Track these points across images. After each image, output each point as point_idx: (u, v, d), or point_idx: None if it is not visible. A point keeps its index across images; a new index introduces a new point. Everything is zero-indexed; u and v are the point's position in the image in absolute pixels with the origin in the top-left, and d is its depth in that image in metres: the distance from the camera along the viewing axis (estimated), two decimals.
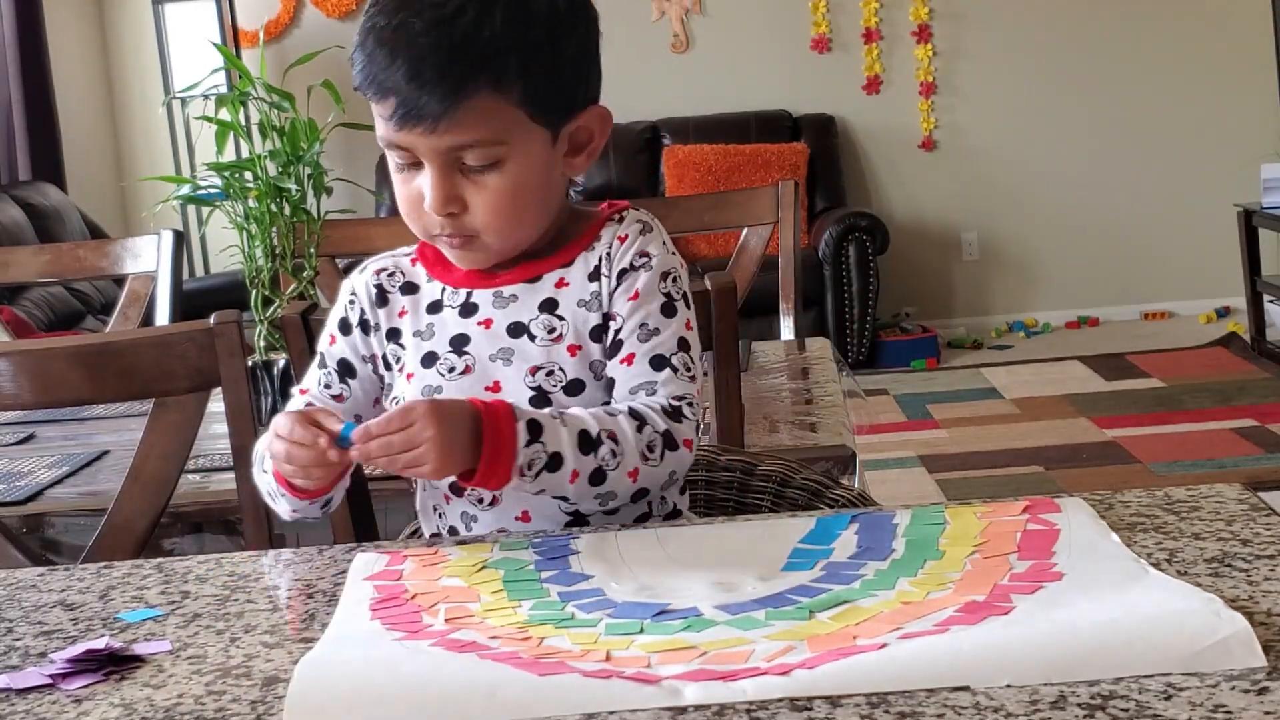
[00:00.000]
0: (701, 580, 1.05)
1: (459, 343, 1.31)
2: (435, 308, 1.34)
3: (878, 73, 6.24)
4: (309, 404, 1.33)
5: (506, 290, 1.32)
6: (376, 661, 0.93)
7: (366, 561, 1.15)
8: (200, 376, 1.56)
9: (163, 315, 2.68)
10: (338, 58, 1.74)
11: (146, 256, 2.72)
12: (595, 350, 1.29)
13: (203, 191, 2.25)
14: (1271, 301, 5.40)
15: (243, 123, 2.21)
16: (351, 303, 1.36)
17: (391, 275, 1.37)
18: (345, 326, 1.36)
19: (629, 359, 1.28)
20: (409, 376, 1.32)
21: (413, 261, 1.38)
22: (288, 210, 2.18)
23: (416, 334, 1.33)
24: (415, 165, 1.27)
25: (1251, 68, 6.07)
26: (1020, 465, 4.21)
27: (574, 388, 1.28)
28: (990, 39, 6.17)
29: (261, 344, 2.18)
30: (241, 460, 1.58)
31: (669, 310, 1.30)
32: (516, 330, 1.30)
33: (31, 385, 1.56)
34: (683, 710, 0.83)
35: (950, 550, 1.07)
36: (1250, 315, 5.46)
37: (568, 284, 1.31)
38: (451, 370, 1.30)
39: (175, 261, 2.70)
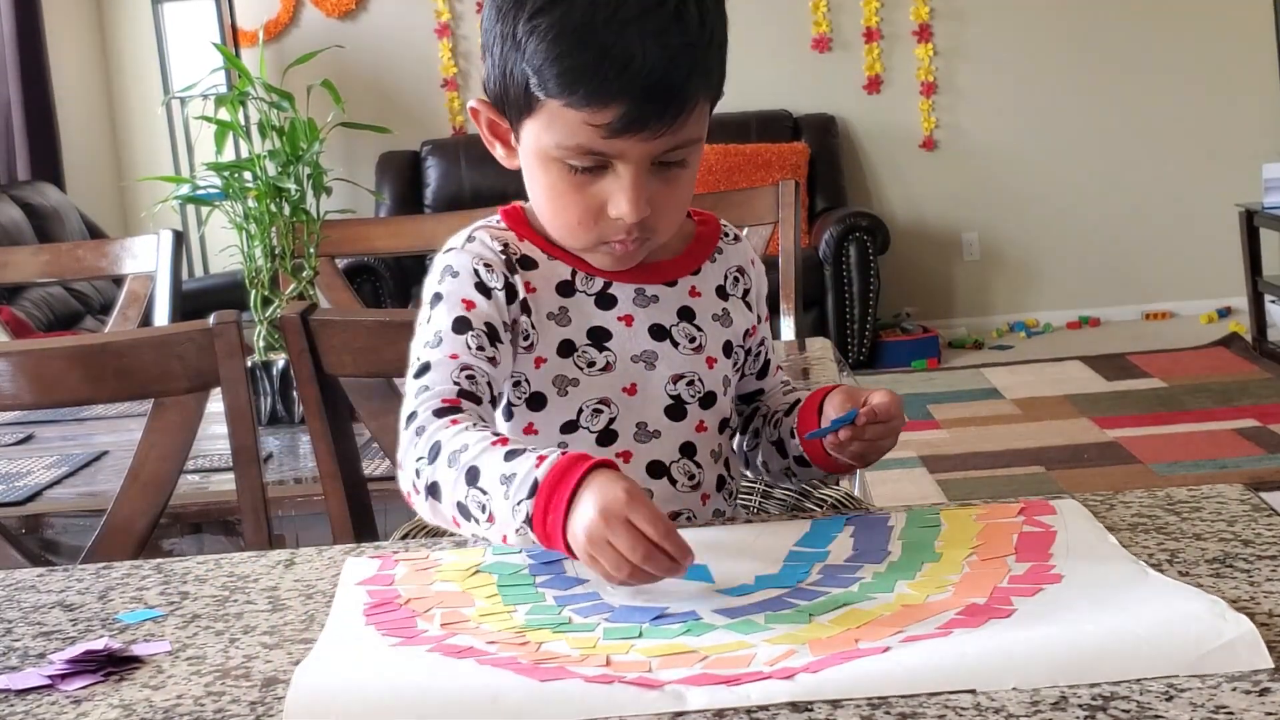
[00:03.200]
0: (695, 586, 1.04)
1: (598, 336, 1.24)
2: (567, 290, 1.25)
3: (878, 72, 6.24)
4: (465, 367, 1.18)
5: (649, 289, 1.27)
6: (374, 667, 0.93)
7: (357, 566, 1.14)
8: (199, 377, 1.56)
9: (162, 315, 2.68)
10: (337, 57, 1.73)
11: (145, 256, 2.72)
12: (726, 365, 1.30)
13: (202, 191, 2.25)
14: (1273, 301, 5.40)
15: (242, 123, 2.21)
16: (488, 267, 1.23)
17: (506, 246, 1.26)
18: (485, 290, 1.22)
19: (775, 371, 1.38)
20: (538, 362, 1.23)
21: (520, 236, 1.27)
22: (287, 210, 2.18)
23: (551, 316, 1.24)
24: (596, 171, 1.19)
25: (1252, 68, 6.07)
26: (1021, 466, 4.21)
27: (708, 400, 1.27)
28: (990, 39, 6.17)
29: (261, 344, 2.18)
30: (241, 460, 1.58)
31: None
32: (659, 334, 1.26)
33: (30, 385, 1.56)
34: (681, 713, 0.83)
35: (947, 553, 1.07)
36: (1251, 315, 5.45)
37: (700, 294, 1.30)
38: (591, 365, 1.24)
39: (174, 261, 2.70)
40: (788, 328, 2.58)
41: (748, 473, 1.40)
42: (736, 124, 6.05)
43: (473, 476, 1.10)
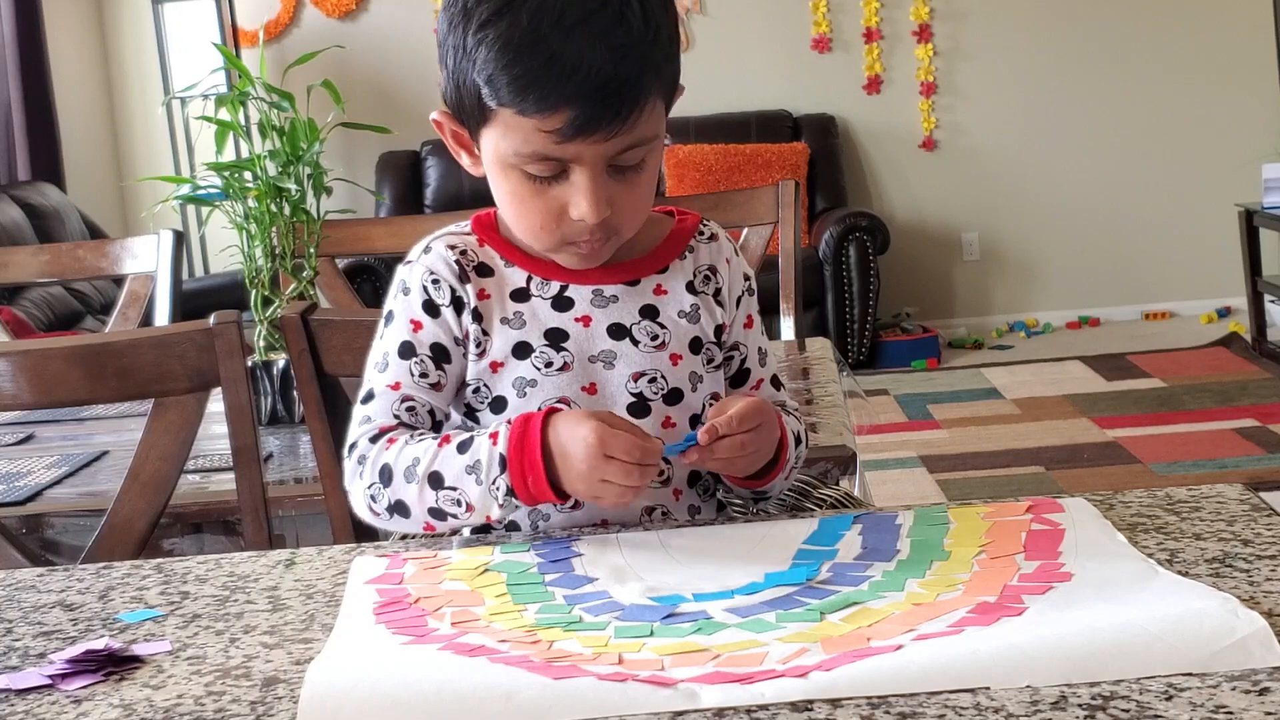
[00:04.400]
0: (706, 582, 1.05)
1: (555, 337, 1.26)
2: (521, 295, 1.28)
3: (878, 73, 6.24)
4: (406, 399, 1.24)
5: (607, 290, 1.28)
6: (387, 666, 0.93)
7: (366, 565, 1.14)
8: (200, 377, 1.56)
9: (162, 315, 2.68)
10: (338, 57, 1.73)
11: (146, 257, 2.72)
12: (695, 361, 1.30)
13: (202, 191, 2.25)
14: (1272, 301, 5.40)
15: (242, 123, 2.21)
16: (435, 283, 1.26)
17: (464, 254, 1.28)
18: (432, 309, 1.26)
19: (757, 384, 1.35)
20: (494, 366, 1.26)
21: (480, 242, 1.30)
22: (287, 210, 2.18)
23: (504, 321, 1.26)
24: (555, 177, 1.21)
25: (1251, 68, 6.07)
26: (1021, 465, 4.21)
27: (673, 396, 1.28)
28: (990, 39, 6.18)
29: (261, 344, 2.18)
30: (241, 460, 1.58)
31: (763, 328, 1.38)
32: (618, 333, 1.27)
33: (31, 385, 1.56)
34: (682, 713, 0.83)
35: (956, 551, 1.07)
36: (1251, 315, 5.46)
37: (666, 292, 1.30)
38: (548, 365, 1.25)
39: (174, 262, 2.70)
40: (788, 328, 2.58)
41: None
42: (736, 124, 6.05)
43: (437, 481, 1.19)
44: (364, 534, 1.61)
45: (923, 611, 0.96)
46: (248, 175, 2.17)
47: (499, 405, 1.26)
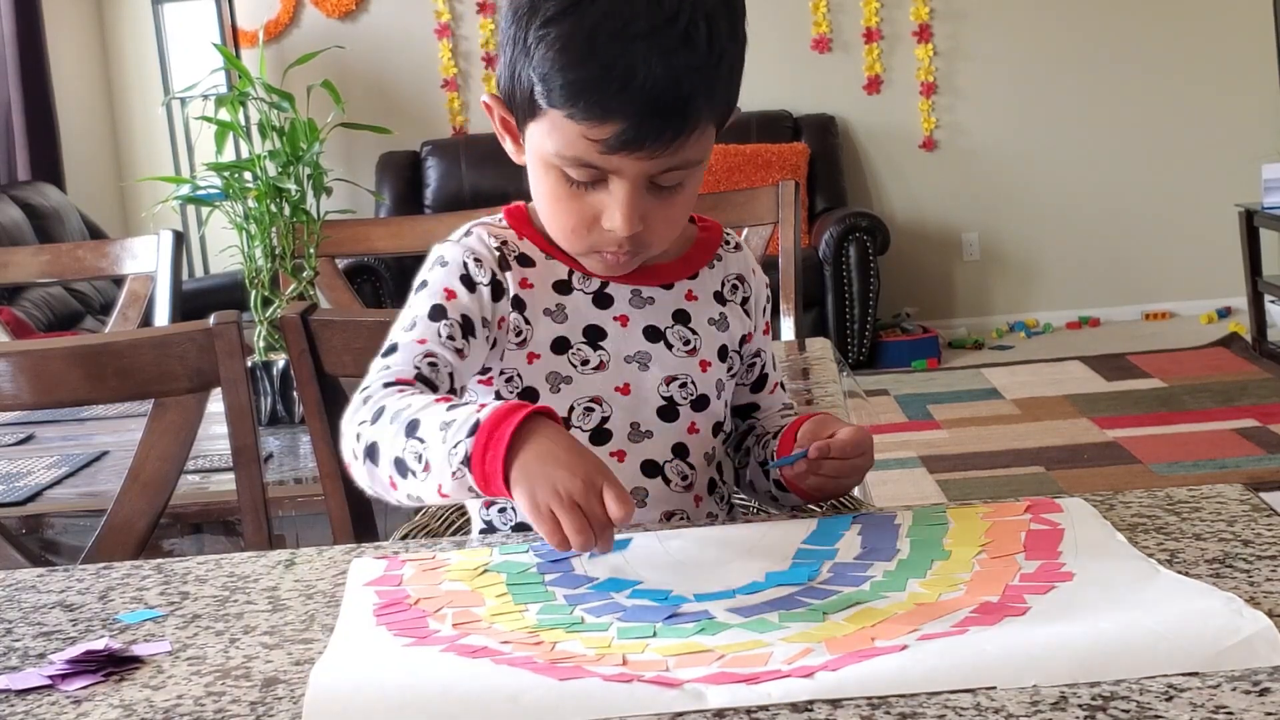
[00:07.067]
0: (707, 582, 1.05)
1: (593, 335, 1.25)
2: (564, 288, 1.26)
3: (878, 73, 6.24)
4: (429, 354, 1.20)
5: (645, 290, 1.28)
6: (390, 668, 0.92)
7: (364, 567, 1.14)
8: (199, 377, 1.56)
9: (162, 316, 2.68)
10: (337, 58, 1.73)
11: (145, 257, 2.72)
12: (721, 369, 1.30)
13: (202, 192, 2.25)
14: (1272, 302, 5.40)
15: (242, 123, 2.21)
16: (478, 261, 1.24)
17: (505, 244, 1.27)
18: (469, 283, 1.24)
19: (774, 388, 1.38)
20: (531, 357, 1.24)
21: (518, 235, 1.28)
22: (287, 210, 2.18)
23: (547, 312, 1.25)
24: (593, 184, 1.20)
25: (1251, 68, 6.07)
26: (1021, 466, 4.21)
27: (700, 402, 1.28)
28: (990, 39, 6.18)
29: (261, 344, 2.18)
30: (241, 460, 1.58)
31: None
32: (653, 335, 1.27)
33: (31, 385, 1.56)
34: (682, 713, 0.83)
35: (956, 551, 1.07)
36: (1251, 315, 5.46)
37: (697, 298, 1.30)
38: (584, 363, 1.24)
39: (174, 262, 2.70)
40: (788, 328, 2.58)
41: (739, 491, 1.40)
42: (737, 124, 5.98)
43: (412, 428, 1.11)
44: (364, 534, 1.61)
45: (926, 611, 0.96)
46: (248, 175, 2.17)
47: (528, 397, 1.25)
